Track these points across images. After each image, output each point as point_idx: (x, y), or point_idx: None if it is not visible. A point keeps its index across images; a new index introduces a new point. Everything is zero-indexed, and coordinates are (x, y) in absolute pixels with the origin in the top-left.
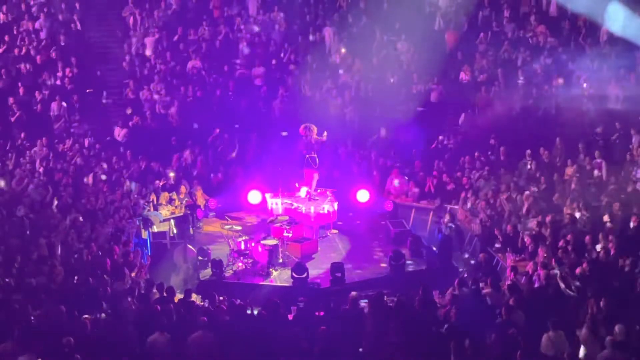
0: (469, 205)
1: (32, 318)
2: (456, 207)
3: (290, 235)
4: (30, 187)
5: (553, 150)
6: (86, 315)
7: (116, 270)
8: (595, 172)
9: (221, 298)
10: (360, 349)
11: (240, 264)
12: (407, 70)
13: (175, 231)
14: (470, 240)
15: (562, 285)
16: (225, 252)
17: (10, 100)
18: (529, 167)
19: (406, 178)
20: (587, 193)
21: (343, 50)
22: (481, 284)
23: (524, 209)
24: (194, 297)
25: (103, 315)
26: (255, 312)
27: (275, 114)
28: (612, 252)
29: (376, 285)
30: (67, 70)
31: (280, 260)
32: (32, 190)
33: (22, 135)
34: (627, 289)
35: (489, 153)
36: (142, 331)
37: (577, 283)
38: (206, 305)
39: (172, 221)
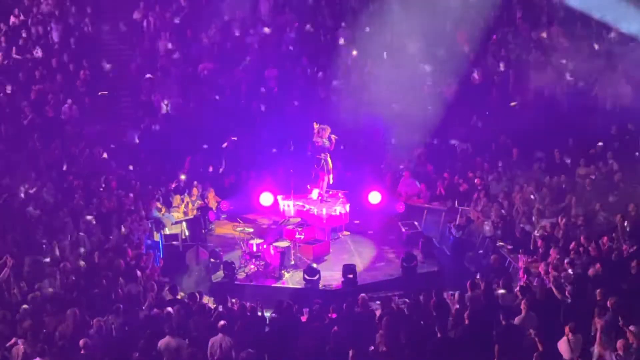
0: (481, 206)
1: (45, 321)
2: (468, 208)
3: (302, 237)
4: (44, 189)
5: (565, 151)
6: (99, 318)
7: (129, 273)
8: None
9: (233, 300)
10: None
11: (252, 266)
12: (419, 71)
13: (187, 233)
14: (482, 242)
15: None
16: (237, 254)
17: (23, 103)
18: (541, 168)
19: (417, 183)
20: (601, 194)
21: (355, 52)
22: (493, 286)
23: (537, 210)
24: (206, 300)
25: (116, 317)
26: (267, 314)
27: (287, 116)
28: (625, 253)
29: (388, 287)
30: (80, 72)
31: (292, 262)
32: (44, 192)
33: (35, 137)
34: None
35: (502, 154)
36: (154, 334)
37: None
38: (220, 308)
39: (184, 223)
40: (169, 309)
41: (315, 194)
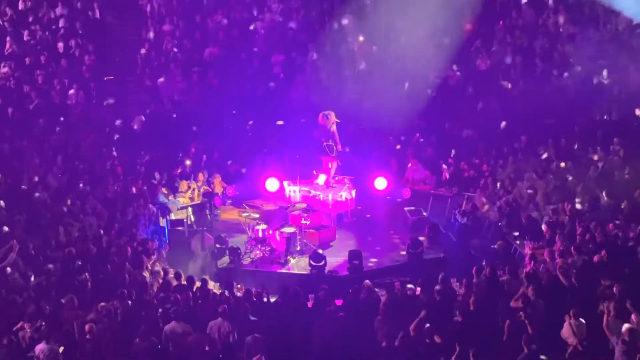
0: (487, 192)
1: (47, 308)
2: (474, 194)
3: (308, 222)
4: (49, 174)
5: (572, 137)
6: (104, 303)
7: (135, 258)
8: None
9: (239, 286)
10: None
11: (258, 252)
12: (424, 57)
13: (193, 219)
14: (488, 228)
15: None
16: (243, 239)
17: (28, 88)
18: (547, 154)
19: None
20: (607, 180)
21: (361, 38)
22: (499, 272)
23: (543, 197)
24: (212, 285)
25: (121, 303)
26: (272, 300)
27: (293, 102)
28: (631, 239)
29: (394, 273)
30: (86, 57)
31: (298, 248)
32: (50, 177)
33: (41, 122)
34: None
35: (508, 140)
36: (160, 319)
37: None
38: (226, 293)
39: (190, 209)
40: (176, 294)
41: (321, 179)
